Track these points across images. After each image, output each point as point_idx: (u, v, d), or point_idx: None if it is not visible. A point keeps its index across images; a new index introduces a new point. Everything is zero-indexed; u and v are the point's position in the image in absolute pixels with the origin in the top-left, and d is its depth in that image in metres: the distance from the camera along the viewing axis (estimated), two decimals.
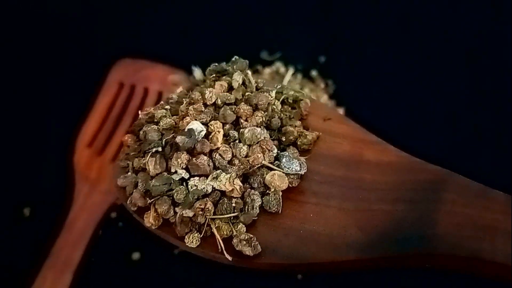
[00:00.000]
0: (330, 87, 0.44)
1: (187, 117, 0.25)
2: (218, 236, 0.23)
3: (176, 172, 0.24)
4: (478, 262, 0.19)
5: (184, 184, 0.24)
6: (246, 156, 0.24)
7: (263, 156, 0.24)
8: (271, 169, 0.24)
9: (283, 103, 0.27)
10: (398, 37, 0.47)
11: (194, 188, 0.24)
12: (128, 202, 0.25)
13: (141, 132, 0.26)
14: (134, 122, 0.30)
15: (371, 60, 0.46)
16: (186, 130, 0.24)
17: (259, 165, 0.24)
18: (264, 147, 0.24)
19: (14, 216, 0.40)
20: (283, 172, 0.24)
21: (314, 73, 0.45)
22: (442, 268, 0.21)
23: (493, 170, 0.40)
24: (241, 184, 0.24)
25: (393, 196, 0.20)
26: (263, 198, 0.24)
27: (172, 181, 0.24)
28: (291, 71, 0.44)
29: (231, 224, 0.23)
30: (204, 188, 0.23)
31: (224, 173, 0.24)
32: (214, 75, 0.28)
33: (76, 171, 0.41)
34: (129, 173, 0.26)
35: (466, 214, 0.19)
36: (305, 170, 0.23)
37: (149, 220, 0.25)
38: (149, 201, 0.24)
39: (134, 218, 0.26)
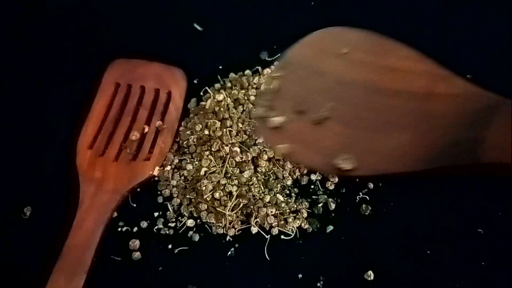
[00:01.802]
0: None
1: None
2: None
3: None
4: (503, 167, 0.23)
5: None
6: None
7: None
8: None
9: None
10: (398, 37, 0.47)
11: None
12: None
13: None
14: (134, 120, 0.36)
15: None
16: None
17: None
18: None
19: (15, 216, 0.40)
20: None
21: None
22: (488, 174, 0.28)
23: None
24: None
25: (456, 121, 0.25)
26: None
27: None
28: None
29: None
30: None
31: None
32: None
33: (80, 173, 0.41)
34: None
35: (507, 131, 0.23)
36: None
37: None
38: None
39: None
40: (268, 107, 0.28)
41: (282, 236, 0.39)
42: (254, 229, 0.39)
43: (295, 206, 0.40)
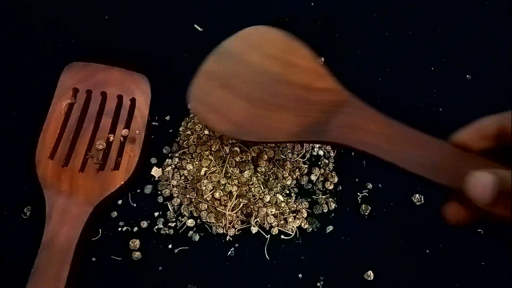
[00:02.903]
0: None
1: None
2: None
3: None
4: (348, 146, 0.32)
5: None
6: None
7: None
8: None
9: None
10: (398, 38, 0.47)
11: None
12: None
13: None
14: (97, 128, 0.40)
15: (370, 61, 0.46)
16: None
17: None
18: None
19: (15, 216, 0.40)
20: None
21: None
22: (335, 147, 0.41)
23: None
24: None
25: (321, 108, 0.34)
26: None
27: None
28: None
29: None
30: None
31: None
32: None
33: (43, 185, 0.39)
34: None
35: (350, 120, 0.32)
36: None
37: None
38: None
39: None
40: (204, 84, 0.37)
41: (282, 236, 0.39)
42: (254, 229, 0.39)
43: (295, 206, 0.40)
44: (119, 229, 0.40)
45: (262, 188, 0.40)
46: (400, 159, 0.29)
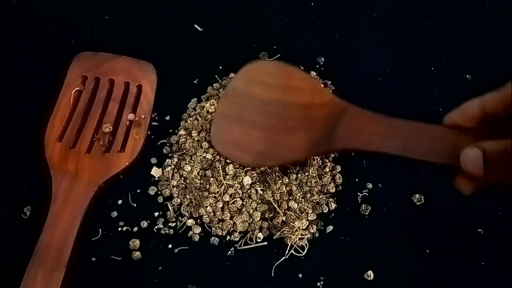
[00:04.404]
0: (330, 88, 0.44)
1: None
2: None
3: None
4: (355, 149, 0.35)
5: None
6: None
7: None
8: None
9: None
10: (398, 38, 0.47)
11: None
12: None
13: None
14: (104, 113, 0.42)
15: (370, 61, 0.46)
16: None
17: None
18: None
19: (15, 216, 0.40)
20: None
21: (313, 73, 0.45)
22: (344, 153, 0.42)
23: None
24: None
25: (325, 121, 0.36)
26: None
27: None
28: None
29: None
30: None
31: None
32: None
33: (51, 166, 0.41)
34: None
35: (351, 126, 0.34)
36: None
37: None
38: None
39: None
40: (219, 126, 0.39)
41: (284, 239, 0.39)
42: (259, 237, 0.39)
43: (298, 209, 0.40)
44: (119, 229, 0.40)
45: (266, 192, 0.40)
46: (403, 150, 0.32)
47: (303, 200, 0.40)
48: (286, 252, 0.39)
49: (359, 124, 0.34)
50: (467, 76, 0.45)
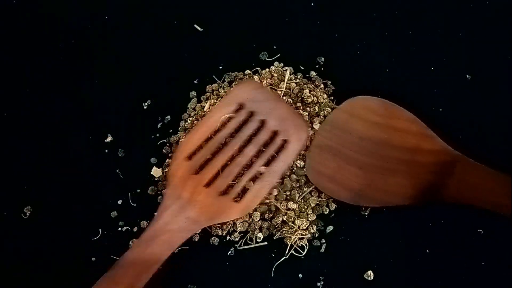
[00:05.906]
0: (330, 88, 0.44)
1: None
2: None
3: None
4: (470, 206, 0.34)
5: None
6: None
7: None
8: None
9: None
10: (398, 37, 0.47)
11: None
12: None
13: None
14: (239, 152, 0.39)
15: (370, 61, 0.46)
16: None
17: None
18: None
19: (15, 216, 0.40)
20: None
21: (313, 73, 0.45)
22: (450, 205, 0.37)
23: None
24: None
25: (432, 169, 0.35)
26: None
27: None
28: (288, 72, 0.44)
29: None
30: None
31: None
32: None
33: (168, 183, 0.38)
34: None
35: (464, 180, 0.34)
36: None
37: None
38: None
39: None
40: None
41: (284, 239, 0.39)
42: (259, 237, 0.39)
43: (299, 211, 0.40)
44: (119, 229, 0.40)
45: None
46: None
47: (303, 200, 0.40)
48: (286, 252, 0.39)
49: (474, 179, 0.33)
50: (467, 76, 0.45)
